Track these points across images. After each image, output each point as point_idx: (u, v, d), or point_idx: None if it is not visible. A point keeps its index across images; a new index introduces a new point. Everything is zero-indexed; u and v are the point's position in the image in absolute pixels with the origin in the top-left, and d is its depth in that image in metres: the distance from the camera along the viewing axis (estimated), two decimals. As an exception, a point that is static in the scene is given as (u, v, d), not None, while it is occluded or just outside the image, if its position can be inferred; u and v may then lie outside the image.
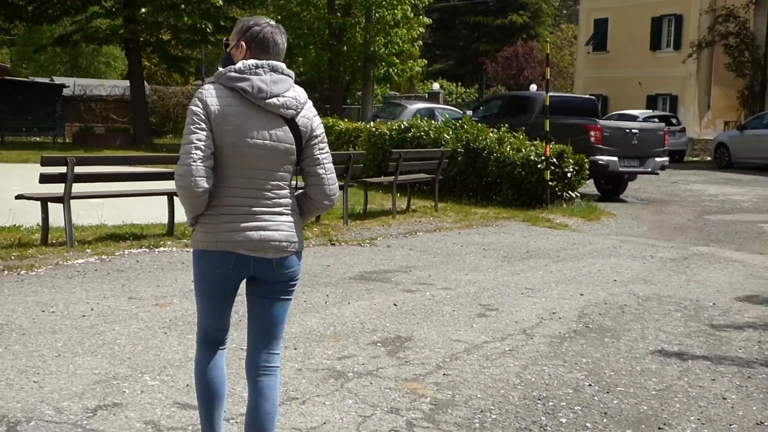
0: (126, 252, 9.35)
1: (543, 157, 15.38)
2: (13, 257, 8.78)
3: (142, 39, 31.04)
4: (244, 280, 3.62)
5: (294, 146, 3.54)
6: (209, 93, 3.45)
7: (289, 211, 3.58)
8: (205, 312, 3.68)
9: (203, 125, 3.40)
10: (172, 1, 27.65)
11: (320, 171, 3.63)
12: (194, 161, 3.35)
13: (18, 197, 9.74)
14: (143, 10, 27.99)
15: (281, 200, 3.55)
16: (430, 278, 8.54)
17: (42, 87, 34.96)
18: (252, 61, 3.51)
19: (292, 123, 3.53)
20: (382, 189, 15.36)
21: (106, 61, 66.90)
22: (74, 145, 29.40)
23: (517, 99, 21.75)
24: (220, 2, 28.64)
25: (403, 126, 18.45)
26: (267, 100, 3.46)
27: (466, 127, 17.36)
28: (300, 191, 3.70)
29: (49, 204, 9.63)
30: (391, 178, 13.39)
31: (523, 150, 15.90)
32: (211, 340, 3.72)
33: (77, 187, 9.57)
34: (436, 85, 42.58)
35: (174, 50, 32.12)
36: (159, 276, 8.12)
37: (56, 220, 9.84)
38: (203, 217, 3.51)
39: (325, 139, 3.69)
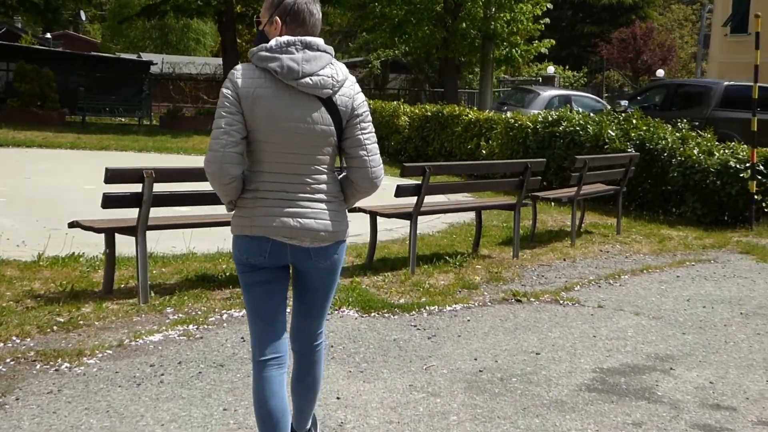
0: (224, 315, 6.26)
1: (747, 164, 11.88)
2: (56, 325, 5.74)
3: (237, 11, 28.09)
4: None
5: (332, 128, 3.34)
6: (240, 74, 3.27)
7: (330, 198, 3.39)
8: (255, 319, 3.45)
9: (234, 108, 3.23)
10: (271, -33, 24.42)
11: (362, 153, 3.40)
12: (223, 147, 3.21)
13: (72, 225, 6.69)
14: (239, -22, 24.88)
15: (321, 185, 3.37)
16: (715, 389, 5.19)
17: (128, 64, 32.44)
18: (284, 38, 3.28)
19: (329, 103, 3.31)
20: (541, 201, 11.99)
21: (196, 37, 64.70)
22: (161, 128, 26.52)
23: (687, 88, 18.16)
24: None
25: (551, 118, 15.01)
26: (299, 80, 3.24)
27: (635, 122, 13.87)
28: (343, 175, 3.47)
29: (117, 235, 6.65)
30: (571, 192, 10.05)
31: (717, 153, 12.39)
32: (265, 357, 3.41)
33: (159, 210, 6.60)
34: (550, 68, 38.77)
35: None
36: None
37: (128, 249, 6.84)
38: (240, 200, 3.35)
39: (369, 119, 3.44)
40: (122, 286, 6.94)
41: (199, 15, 26.78)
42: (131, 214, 6.47)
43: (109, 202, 6.29)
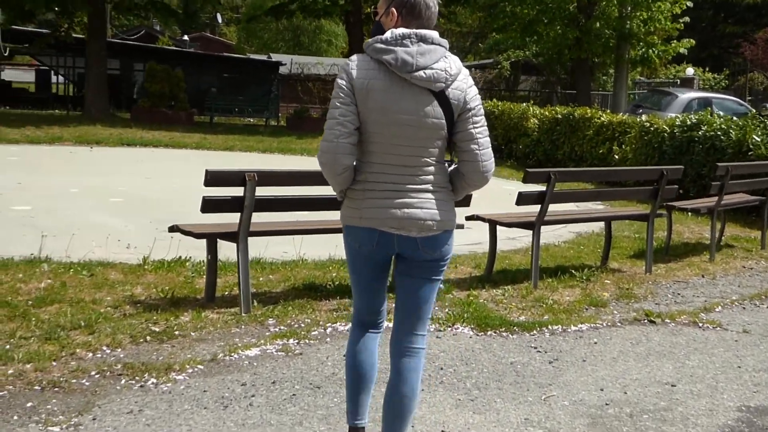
0: (329, 329, 5.82)
1: None
2: (150, 335, 5.42)
3: (367, 11, 27.86)
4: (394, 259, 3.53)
5: (444, 121, 3.33)
6: (355, 65, 3.30)
7: (437, 188, 3.40)
8: (357, 290, 3.60)
9: (348, 99, 3.28)
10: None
11: (473, 147, 3.38)
12: (336, 137, 3.26)
13: (173, 229, 6.39)
14: (367, -23, 24.56)
15: (428, 176, 3.37)
16: None
17: (258, 65, 32.66)
18: (400, 31, 3.31)
19: (442, 96, 3.31)
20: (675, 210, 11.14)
21: (328, 39, 65.14)
22: (287, 129, 26.50)
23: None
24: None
25: (689, 121, 14.08)
26: (413, 74, 3.25)
27: (784, 126, 12.83)
28: (453, 167, 3.48)
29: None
30: (711, 202, 9.25)
31: None
32: (363, 321, 3.61)
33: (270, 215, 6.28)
34: (689, 70, 37.01)
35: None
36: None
37: (231, 255, 6.49)
38: (350, 191, 3.41)
39: (481, 112, 3.42)
40: (226, 293, 6.61)
41: (325, 15, 26.73)
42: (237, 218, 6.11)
43: (208, 206, 5.94)
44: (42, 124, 21.27)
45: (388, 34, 3.31)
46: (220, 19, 64.50)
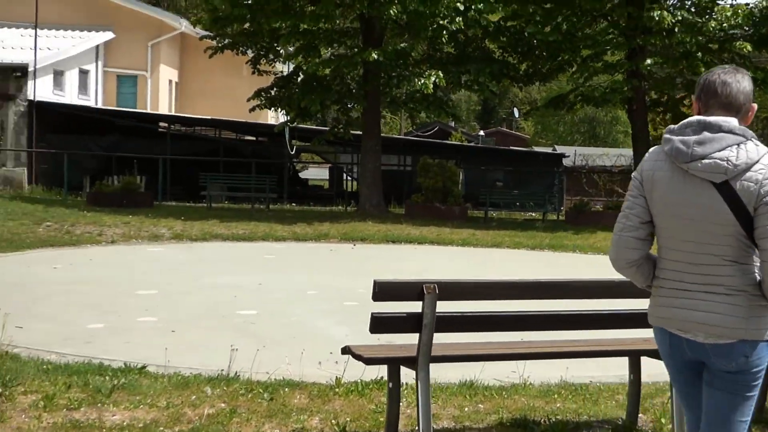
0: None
1: None
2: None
3: (652, 97, 26.25)
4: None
5: (731, 216, 3.08)
6: (647, 157, 3.33)
7: (733, 291, 3.10)
8: (679, 400, 3.57)
9: (636, 191, 3.28)
10: (685, 49, 22.35)
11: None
12: (620, 230, 3.27)
13: (345, 352, 5.37)
14: (648, 61, 22.92)
15: (721, 277, 3.11)
16: None
17: (540, 157, 31.80)
18: (690, 119, 3.21)
19: (726, 188, 3.07)
20: None
21: (624, 130, 63.38)
22: (566, 223, 24.96)
23: None
24: (749, 48, 22.65)
25: None
26: (689, 164, 3.12)
27: None
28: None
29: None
30: None
31: None
32: None
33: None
34: None
35: (688, 109, 26.62)
36: None
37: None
38: (652, 287, 3.34)
39: None
40: (415, 429, 5.44)
41: (603, 103, 25.42)
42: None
43: (378, 325, 4.90)
44: (314, 220, 21.29)
45: (680, 123, 3.23)
46: (516, 114, 64.87)
